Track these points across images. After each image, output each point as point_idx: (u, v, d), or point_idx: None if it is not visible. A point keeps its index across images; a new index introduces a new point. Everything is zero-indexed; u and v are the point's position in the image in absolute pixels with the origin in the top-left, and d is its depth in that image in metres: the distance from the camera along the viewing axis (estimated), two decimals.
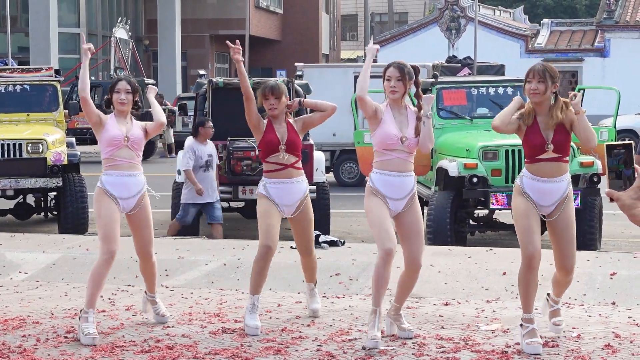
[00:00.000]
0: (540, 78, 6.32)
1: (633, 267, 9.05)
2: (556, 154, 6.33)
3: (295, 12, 48.70)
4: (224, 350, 6.28)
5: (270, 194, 6.96)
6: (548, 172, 6.34)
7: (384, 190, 6.45)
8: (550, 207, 6.36)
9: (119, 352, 6.29)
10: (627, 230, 12.59)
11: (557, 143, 6.31)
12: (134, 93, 6.96)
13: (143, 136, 6.98)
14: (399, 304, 6.70)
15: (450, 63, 19.42)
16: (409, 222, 6.53)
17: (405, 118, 6.53)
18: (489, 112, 12.48)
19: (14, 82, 13.84)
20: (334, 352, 6.23)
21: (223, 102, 12.47)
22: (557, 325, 6.66)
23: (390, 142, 6.43)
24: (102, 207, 6.79)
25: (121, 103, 6.90)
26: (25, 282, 8.94)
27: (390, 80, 6.47)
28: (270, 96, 7.03)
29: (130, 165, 6.89)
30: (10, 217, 13.93)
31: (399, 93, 6.49)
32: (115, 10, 39.74)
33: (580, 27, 38.38)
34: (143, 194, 6.95)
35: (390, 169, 6.46)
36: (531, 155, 6.39)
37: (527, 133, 6.37)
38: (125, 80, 7.02)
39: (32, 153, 12.76)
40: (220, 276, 9.03)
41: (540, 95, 6.32)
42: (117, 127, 6.86)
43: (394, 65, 6.49)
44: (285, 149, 6.96)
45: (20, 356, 6.17)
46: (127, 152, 6.87)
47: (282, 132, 7.02)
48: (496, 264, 9.19)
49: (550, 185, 6.33)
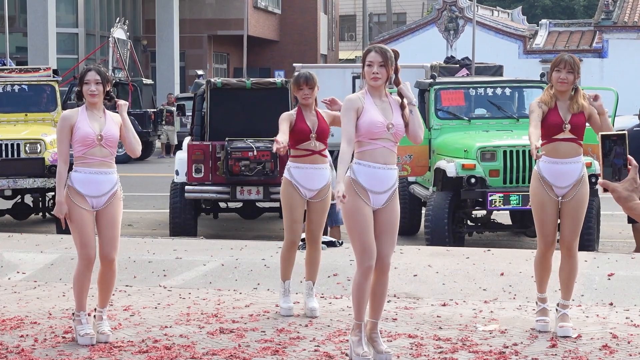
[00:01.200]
0: (570, 68, 6.70)
1: (631, 268, 9.06)
2: (572, 134, 6.69)
3: (294, 13, 48.71)
4: (221, 351, 6.28)
5: (293, 177, 7.26)
6: (563, 152, 6.71)
7: (366, 183, 5.92)
8: (566, 188, 6.74)
9: (117, 352, 6.29)
10: (624, 231, 12.59)
11: (574, 124, 6.69)
12: (105, 83, 6.55)
13: (118, 133, 6.58)
14: (375, 319, 6.09)
15: (449, 63, 19.48)
16: (386, 220, 6.00)
17: (388, 105, 6.00)
18: (487, 112, 12.50)
19: (12, 82, 13.85)
20: (331, 353, 6.23)
21: (221, 103, 12.48)
22: (564, 328, 6.71)
23: (376, 129, 5.90)
24: (73, 212, 6.45)
25: (91, 95, 6.50)
26: (23, 282, 8.94)
27: (372, 65, 5.93)
28: (305, 86, 7.32)
29: (102, 163, 6.50)
30: (8, 217, 13.92)
31: (381, 80, 5.95)
32: (113, 10, 39.72)
33: (578, 27, 38.42)
34: (115, 193, 6.56)
35: (375, 160, 5.92)
36: (548, 134, 6.71)
37: (547, 115, 6.70)
38: (95, 70, 6.60)
39: (30, 153, 12.77)
40: (218, 277, 9.03)
41: (567, 85, 6.72)
42: (88, 124, 6.48)
43: (376, 50, 5.98)
44: (315, 137, 7.26)
45: (18, 356, 6.16)
46: (100, 150, 6.49)
47: (312, 121, 7.32)
48: (494, 265, 9.20)
49: (567, 167, 6.71)
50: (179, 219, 12.42)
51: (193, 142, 12.39)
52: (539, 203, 6.77)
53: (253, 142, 11.93)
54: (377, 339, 6.06)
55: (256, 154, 11.80)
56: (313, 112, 7.35)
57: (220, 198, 12.42)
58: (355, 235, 5.95)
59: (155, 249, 10.28)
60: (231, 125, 12.22)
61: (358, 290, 5.99)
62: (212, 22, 43.59)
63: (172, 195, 12.55)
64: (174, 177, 12.70)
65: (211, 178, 12.16)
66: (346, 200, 5.73)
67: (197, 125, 12.73)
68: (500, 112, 12.41)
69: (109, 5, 39.79)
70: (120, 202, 6.63)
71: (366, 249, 5.93)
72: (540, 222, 6.78)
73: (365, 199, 5.94)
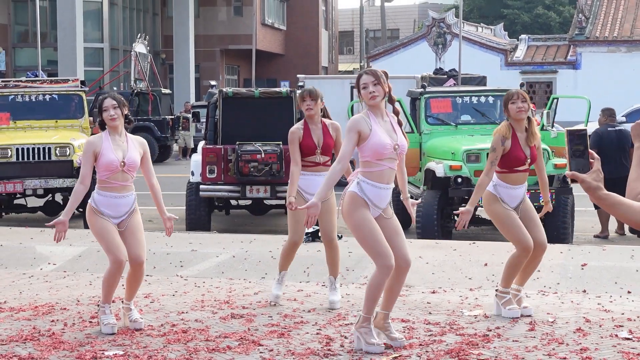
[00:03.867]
0: (524, 98, 6.78)
1: (602, 259, 9.05)
2: (528, 166, 6.85)
3: (298, 29, 48.69)
4: (232, 334, 6.27)
5: (299, 185, 7.12)
6: (521, 180, 6.83)
7: (376, 201, 5.74)
8: (518, 205, 6.85)
9: (138, 335, 6.29)
10: (596, 226, 12.57)
11: (532, 157, 6.84)
12: (122, 107, 6.38)
13: (139, 159, 6.44)
14: (387, 311, 5.94)
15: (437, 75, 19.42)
16: (390, 225, 5.81)
17: (389, 125, 5.81)
18: (472, 119, 12.50)
19: (44, 92, 13.87)
20: (332, 336, 6.22)
21: (232, 110, 12.48)
22: (526, 308, 6.83)
23: (385, 151, 5.68)
24: (96, 224, 6.34)
25: (112, 119, 6.32)
26: (54, 273, 8.94)
27: (367, 86, 5.72)
28: (308, 98, 7.17)
29: (123, 187, 6.38)
30: (40, 214, 13.93)
31: (379, 97, 5.73)
32: (135, 27, 39.75)
33: (554, 42, 38.39)
34: (133, 211, 6.45)
35: (380, 181, 5.72)
36: (510, 167, 6.78)
37: (511, 149, 6.74)
38: (110, 96, 6.42)
39: (60, 156, 12.78)
40: (229, 267, 9.02)
41: (525, 112, 6.78)
42: (112, 151, 6.33)
43: (366, 72, 5.79)
44: (320, 152, 7.16)
45: (49, 339, 6.17)
46: (122, 176, 6.36)
47: (318, 135, 7.17)
48: (479, 256, 9.19)
49: (519, 191, 6.84)
50: (194, 215, 12.41)
51: (207, 146, 12.38)
52: (506, 214, 6.74)
53: (261, 146, 11.94)
54: (390, 327, 5.93)
55: (264, 156, 11.79)
56: (318, 125, 7.19)
57: (231, 196, 12.42)
58: (369, 241, 5.68)
59: (173, 242, 10.28)
60: (241, 131, 12.22)
61: (377, 289, 5.72)
62: (224, 38, 43.60)
63: (188, 193, 12.55)
64: (190, 177, 12.69)
65: (223, 178, 12.16)
66: (352, 214, 5.67)
67: (210, 131, 12.73)
68: (484, 118, 12.42)
69: (131, 22, 39.83)
70: (138, 213, 6.49)
71: (383, 251, 5.66)
72: (517, 227, 6.70)
73: (369, 210, 5.75)
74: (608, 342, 6.01)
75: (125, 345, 6.01)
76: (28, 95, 13.80)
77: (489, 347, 5.91)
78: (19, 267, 9.21)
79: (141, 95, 26.26)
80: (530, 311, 6.81)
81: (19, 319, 6.78)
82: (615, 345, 5.92)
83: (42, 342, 6.06)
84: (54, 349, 5.89)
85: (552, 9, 50.97)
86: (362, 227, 5.68)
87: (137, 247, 6.40)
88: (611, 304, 7.28)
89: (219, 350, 5.84)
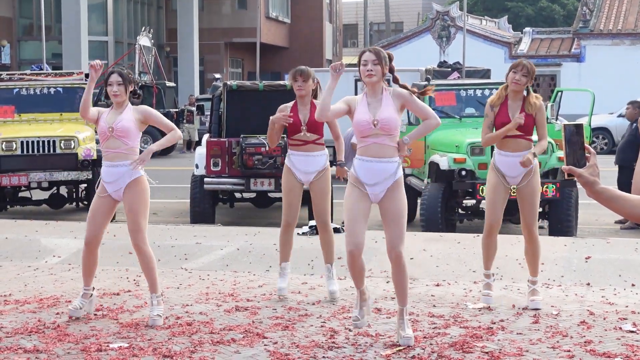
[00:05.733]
0: (526, 72, 6.83)
1: (606, 252, 9.04)
2: (519, 131, 6.80)
3: (302, 22, 48.63)
4: (237, 327, 6.27)
5: (292, 163, 7.19)
6: (513, 147, 6.80)
7: (363, 176, 5.77)
8: (517, 177, 6.82)
9: (143, 327, 6.29)
10: (600, 219, 12.56)
11: (526, 125, 6.79)
12: (127, 84, 6.38)
13: (132, 125, 6.34)
14: (401, 306, 5.88)
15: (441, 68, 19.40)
16: (388, 210, 5.78)
17: (379, 102, 5.79)
18: (476, 111, 12.47)
19: (49, 85, 13.87)
20: (336, 328, 6.22)
21: (236, 103, 12.46)
22: (534, 301, 6.84)
23: (362, 128, 5.75)
24: (94, 200, 6.46)
25: (114, 95, 6.34)
26: (59, 265, 8.95)
27: (367, 64, 5.76)
28: (299, 78, 7.21)
29: (116, 155, 6.33)
30: (45, 207, 13.94)
31: (376, 76, 5.76)
32: (139, 20, 39.70)
33: (558, 35, 38.30)
34: (132, 185, 6.33)
35: (369, 155, 5.77)
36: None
37: (497, 114, 6.83)
38: (117, 72, 6.41)
39: (65, 149, 12.79)
40: (234, 260, 9.02)
41: (520, 86, 6.84)
42: (105, 119, 6.37)
43: (369, 50, 5.83)
44: (306, 129, 7.15)
45: (54, 331, 6.17)
46: (113, 142, 6.33)
47: (304, 114, 7.20)
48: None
49: (516, 160, 6.77)
50: (198, 208, 12.41)
51: (211, 139, 12.37)
52: (492, 186, 6.86)
53: (265, 139, 11.91)
54: (402, 324, 5.85)
55: (268, 149, 11.78)
56: (307, 106, 7.22)
57: (235, 189, 12.41)
58: (345, 220, 5.81)
59: (178, 235, 10.28)
60: (245, 124, 12.20)
61: (349, 269, 5.96)
62: (228, 31, 43.54)
63: (192, 186, 12.54)
64: (194, 170, 12.69)
65: (227, 171, 12.15)
66: (346, 189, 5.84)
67: (214, 124, 12.71)
68: None
69: (135, 15, 39.78)
70: (140, 190, 6.36)
71: (349, 233, 5.75)
72: (491, 202, 6.83)
73: (363, 190, 5.80)
74: (612, 335, 6.00)
75: (130, 337, 6.01)
76: (33, 89, 13.81)
77: (493, 339, 5.91)
78: (24, 259, 9.22)
79: (145, 89, 26.23)
80: (537, 304, 6.79)
81: (24, 312, 6.78)
82: (619, 338, 5.92)
83: (47, 335, 6.07)
84: (59, 341, 5.90)
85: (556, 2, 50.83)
86: (345, 204, 5.85)
87: (131, 226, 6.39)
88: (615, 296, 7.27)
89: (223, 343, 5.84)
